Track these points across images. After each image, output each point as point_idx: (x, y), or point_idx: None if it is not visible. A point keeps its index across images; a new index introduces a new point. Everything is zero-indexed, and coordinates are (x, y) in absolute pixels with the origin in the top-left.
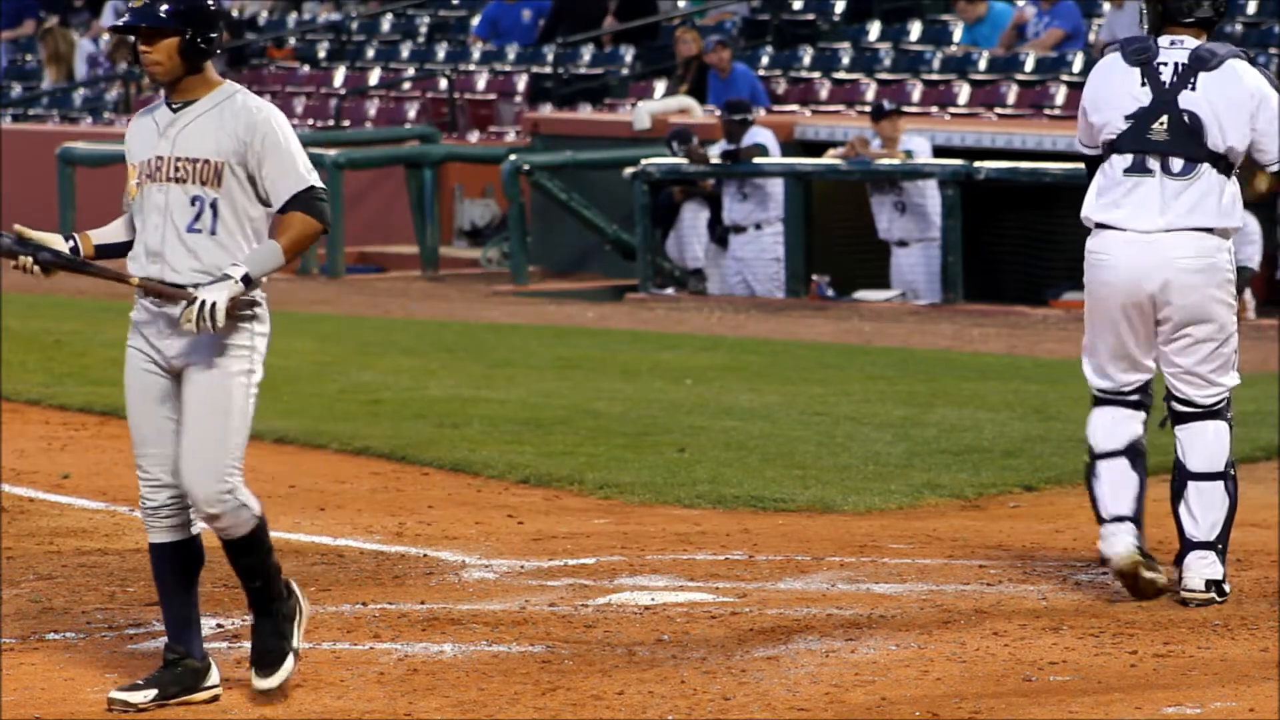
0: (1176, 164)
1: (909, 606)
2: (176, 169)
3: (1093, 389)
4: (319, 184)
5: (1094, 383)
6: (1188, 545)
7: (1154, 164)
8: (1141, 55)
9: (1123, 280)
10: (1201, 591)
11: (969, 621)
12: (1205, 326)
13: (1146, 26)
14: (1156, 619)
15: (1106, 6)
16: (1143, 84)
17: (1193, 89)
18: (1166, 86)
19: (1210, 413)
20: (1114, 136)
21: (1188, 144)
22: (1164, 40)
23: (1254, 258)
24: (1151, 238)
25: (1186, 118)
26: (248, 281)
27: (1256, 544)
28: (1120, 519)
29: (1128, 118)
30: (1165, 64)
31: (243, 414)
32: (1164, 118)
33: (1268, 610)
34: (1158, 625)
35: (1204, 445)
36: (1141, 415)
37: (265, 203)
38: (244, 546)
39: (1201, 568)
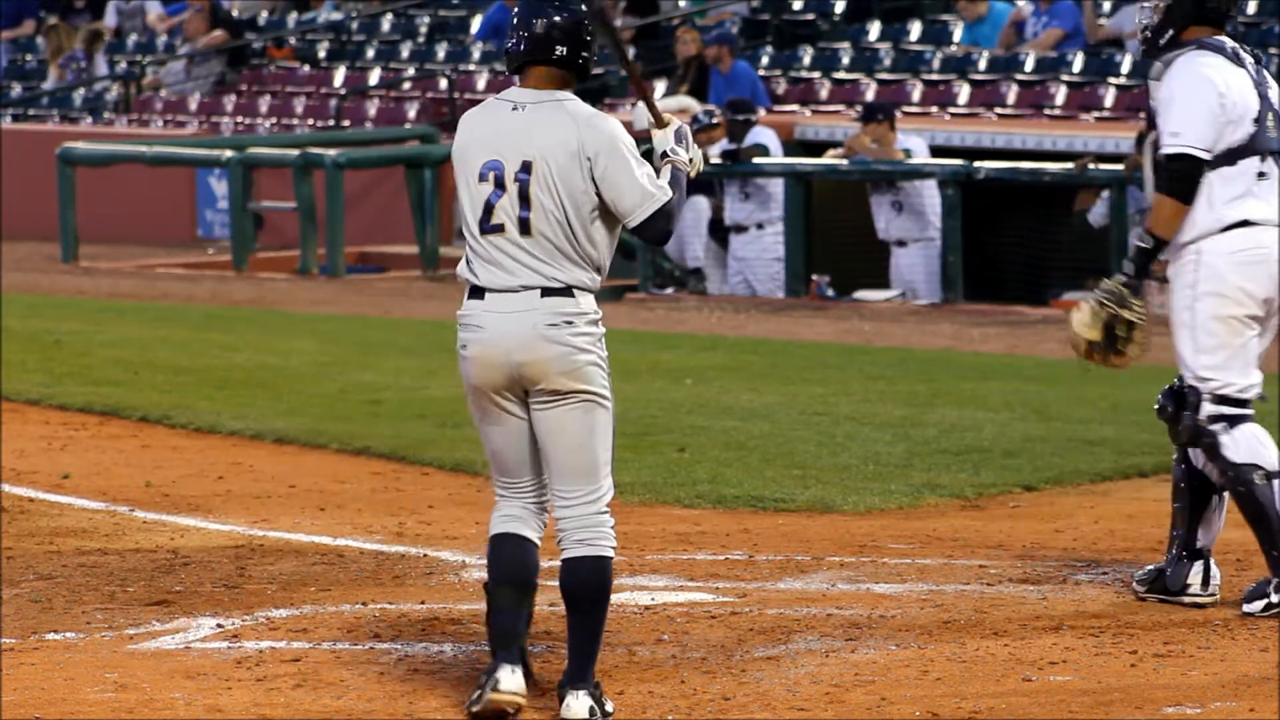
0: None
1: (909, 606)
2: None
3: (1228, 405)
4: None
5: (1239, 383)
6: None
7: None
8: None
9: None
10: None
11: (969, 621)
12: None
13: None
14: (1156, 619)
15: (1106, 6)
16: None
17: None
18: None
19: None
20: (1246, 139)
21: None
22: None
23: None
24: None
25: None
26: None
27: (1257, 544)
28: None
29: (1255, 120)
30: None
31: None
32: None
33: None
34: (1158, 625)
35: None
36: None
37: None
38: None
39: None
